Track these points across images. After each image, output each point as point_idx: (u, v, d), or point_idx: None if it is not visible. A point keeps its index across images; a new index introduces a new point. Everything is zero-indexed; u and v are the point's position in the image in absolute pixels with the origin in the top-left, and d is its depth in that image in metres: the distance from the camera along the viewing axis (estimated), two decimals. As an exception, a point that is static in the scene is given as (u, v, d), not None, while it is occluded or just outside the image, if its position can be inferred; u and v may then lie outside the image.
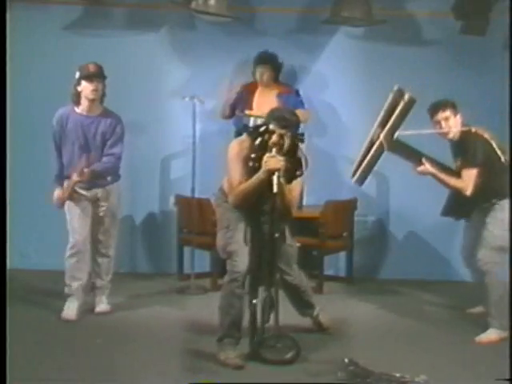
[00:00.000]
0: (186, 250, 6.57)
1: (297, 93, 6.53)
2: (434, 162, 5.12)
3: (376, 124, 5.15)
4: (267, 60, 6.47)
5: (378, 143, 5.08)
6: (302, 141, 4.46)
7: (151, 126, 6.69)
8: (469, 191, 4.97)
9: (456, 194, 5.24)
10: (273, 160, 4.25)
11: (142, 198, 6.89)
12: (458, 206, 5.33)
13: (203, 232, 6.33)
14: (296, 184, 4.48)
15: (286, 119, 4.38)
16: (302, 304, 5.01)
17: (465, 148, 5.05)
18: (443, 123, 5.06)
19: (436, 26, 6.69)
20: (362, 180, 5.29)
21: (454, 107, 5.08)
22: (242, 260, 4.42)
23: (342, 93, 6.81)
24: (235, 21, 6.39)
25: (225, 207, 4.62)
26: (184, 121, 6.52)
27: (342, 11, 6.28)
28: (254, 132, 4.43)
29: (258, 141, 4.36)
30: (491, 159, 5.06)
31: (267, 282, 4.43)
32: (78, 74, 5.25)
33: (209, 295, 6.18)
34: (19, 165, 6.33)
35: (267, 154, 4.27)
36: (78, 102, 5.30)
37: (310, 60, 6.83)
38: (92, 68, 5.25)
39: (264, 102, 6.46)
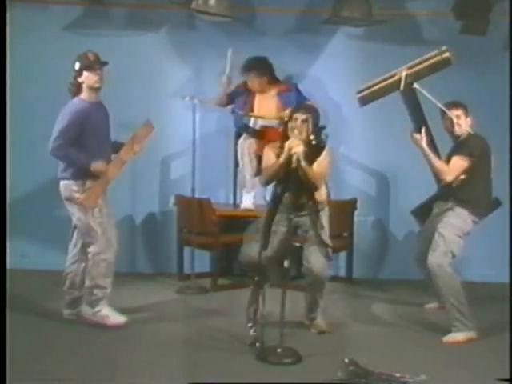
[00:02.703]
0: (186, 250, 6.57)
1: (297, 88, 6.51)
2: (431, 137, 5.25)
3: (406, 65, 5.33)
4: (250, 68, 6.41)
5: (397, 77, 5.30)
6: (324, 128, 4.98)
7: (151, 125, 6.69)
8: (450, 177, 5.08)
9: (429, 199, 5.48)
10: (293, 143, 4.78)
11: (142, 198, 6.89)
12: (425, 208, 5.53)
13: (203, 232, 6.34)
14: (321, 161, 4.89)
15: (305, 108, 5.10)
16: (314, 303, 5.12)
17: (464, 144, 5.15)
18: (455, 120, 5.17)
19: (436, 26, 6.70)
20: (365, 101, 5.50)
21: (465, 109, 5.21)
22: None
23: (341, 93, 6.80)
24: (235, 21, 6.39)
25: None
26: (184, 121, 6.52)
27: (342, 11, 6.28)
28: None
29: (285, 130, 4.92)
30: (483, 163, 5.16)
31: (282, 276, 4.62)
32: (77, 65, 5.07)
33: (209, 295, 6.19)
34: (19, 165, 6.32)
35: (288, 141, 4.81)
36: (77, 93, 5.09)
37: (310, 60, 6.83)
38: (92, 57, 5.09)
39: (264, 102, 6.46)
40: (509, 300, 5.37)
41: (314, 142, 4.84)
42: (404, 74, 5.25)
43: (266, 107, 6.44)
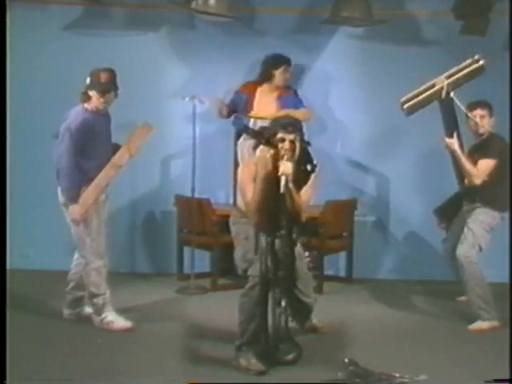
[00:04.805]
0: (186, 250, 6.57)
1: (295, 93, 6.52)
2: (461, 142, 5.40)
3: (444, 74, 5.51)
4: (285, 61, 6.39)
5: (439, 86, 5.46)
6: (309, 144, 4.63)
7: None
8: (479, 180, 5.29)
9: (454, 198, 5.63)
10: (283, 165, 4.34)
11: (142, 198, 6.89)
12: (450, 207, 5.66)
13: (203, 232, 6.34)
14: (306, 191, 4.54)
15: (293, 124, 4.51)
16: (305, 319, 5.01)
17: (488, 145, 5.36)
18: (478, 120, 5.36)
19: (436, 25, 6.69)
20: (411, 110, 5.59)
21: (490, 109, 5.42)
22: (262, 266, 4.38)
23: (342, 93, 6.81)
24: (235, 21, 6.39)
25: (242, 223, 4.66)
26: (184, 121, 6.52)
27: (342, 11, 6.28)
28: (266, 142, 4.52)
29: (270, 152, 4.44)
30: (505, 163, 5.35)
31: (282, 287, 4.46)
32: (88, 81, 4.98)
33: (209, 295, 6.19)
34: (19, 165, 6.33)
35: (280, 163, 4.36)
36: (87, 101, 5.02)
37: (309, 60, 6.83)
38: (103, 78, 4.92)
39: (265, 104, 6.44)
40: (509, 300, 5.37)
41: (308, 168, 4.51)
42: (446, 83, 5.44)
43: (266, 109, 6.42)
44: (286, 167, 4.33)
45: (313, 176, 4.57)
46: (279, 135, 4.42)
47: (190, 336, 5.03)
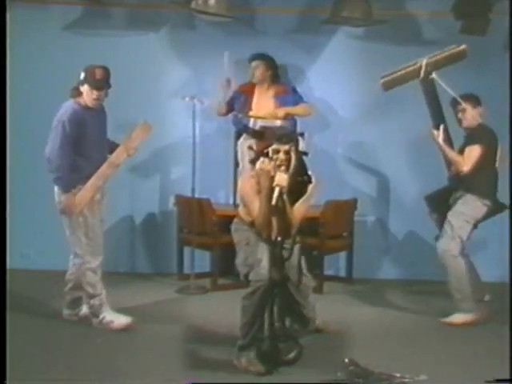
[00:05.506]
0: (186, 250, 6.58)
1: (294, 90, 6.52)
2: (447, 133, 5.42)
3: (427, 56, 5.56)
4: (261, 56, 6.46)
5: (417, 66, 5.48)
6: (306, 154, 4.65)
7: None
8: (466, 167, 5.30)
9: (444, 188, 5.61)
10: (278, 176, 4.40)
11: (142, 198, 6.89)
12: (439, 197, 5.61)
13: (203, 232, 6.34)
14: (299, 207, 4.57)
15: (287, 135, 4.66)
16: (303, 327, 5.00)
17: (474, 134, 5.38)
18: (460, 115, 5.40)
19: (436, 25, 6.70)
20: (388, 86, 5.63)
21: (473, 101, 5.41)
22: (263, 270, 4.42)
23: (342, 93, 6.81)
24: (235, 21, 6.39)
25: (243, 230, 4.70)
26: (184, 121, 6.52)
27: (342, 11, 6.28)
28: (265, 155, 4.58)
29: (271, 164, 4.48)
30: (491, 151, 5.37)
31: (281, 289, 4.48)
32: (82, 75, 4.98)
33: (209, 295, 6.19)
34: (19, 165, 6.33)
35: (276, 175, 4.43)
36: (78, 96, 5.02)
37: (310, 60, 6.83)
38: (98, 75, 4.91)
39: (262, 104, 6.45)
40: (509, 300, 5.37)
41: (305, 178, 4.56)
42: (424, 62, 5.46)
43: (264, 109, 6.43)
44: (281, 178, 4.39)
45: (310, 187, 4.60)
46: (274, 146, 4.48)
47: (189, 336, 5.03)
